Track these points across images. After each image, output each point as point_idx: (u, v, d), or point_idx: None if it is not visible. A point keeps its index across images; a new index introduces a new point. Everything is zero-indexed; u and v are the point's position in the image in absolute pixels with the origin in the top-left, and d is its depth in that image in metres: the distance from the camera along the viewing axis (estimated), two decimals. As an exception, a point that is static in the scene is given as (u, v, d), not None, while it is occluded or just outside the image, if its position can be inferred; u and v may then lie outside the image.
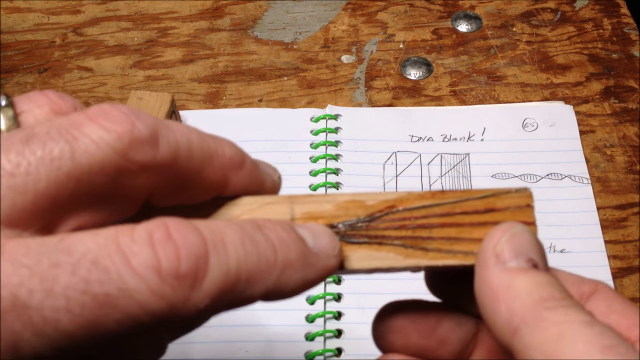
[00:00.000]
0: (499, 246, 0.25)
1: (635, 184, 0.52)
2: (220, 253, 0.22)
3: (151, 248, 0.21)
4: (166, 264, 0.21)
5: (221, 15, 0.66)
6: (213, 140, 0.27)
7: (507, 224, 0.26)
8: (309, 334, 0.46)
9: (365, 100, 0.58)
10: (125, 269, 0.21)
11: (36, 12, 0.66)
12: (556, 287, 0.24)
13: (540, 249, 0.26)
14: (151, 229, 0.22)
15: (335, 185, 0.52)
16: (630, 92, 0.58)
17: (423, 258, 0.26)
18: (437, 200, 0.27)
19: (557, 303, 0.23)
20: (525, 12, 0.64)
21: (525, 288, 0.24)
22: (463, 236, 0.26)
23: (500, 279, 0.24)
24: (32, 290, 0.20)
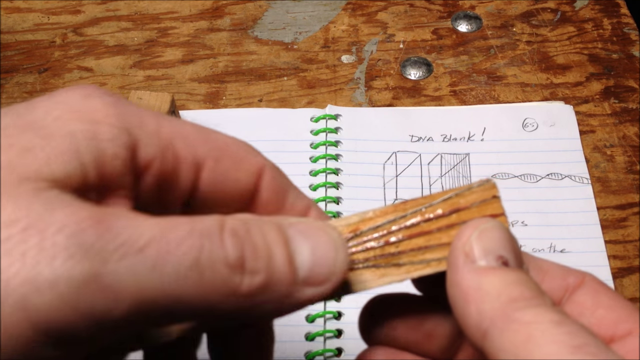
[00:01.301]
0: (468, 245, 0.24)
1: (635, 184, 0.52)
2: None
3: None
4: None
5: (221, 15, 0.66)
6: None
7: (476, 221, 0.25)
8: (309, 334, 0.46)
9: (365, 100, 0.58)
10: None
11: (36, 12, 0.66)
12: (526, 286, 0.23)
13: (511, 244, 0.25)
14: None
15: (335, 185, 0.52)
16: (630, 92, 0.58)
17: (397, 274, 0.26)
18: (400, 213, 0.26)
19: (527, 303, 0.23)
20: (525, 12, 0.64)
21: (494, 288, 0.23)
22: (432, 243, 0.26)
23: (470, 280, 0.24)
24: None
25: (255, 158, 0.28)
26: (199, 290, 0.21)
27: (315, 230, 0.25)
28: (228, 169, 0.27)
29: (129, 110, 0.25)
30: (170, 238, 0.21)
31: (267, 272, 0.23)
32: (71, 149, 0.22)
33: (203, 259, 0.21)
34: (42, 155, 0.22)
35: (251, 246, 0.23)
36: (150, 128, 0.25)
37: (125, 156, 0.24)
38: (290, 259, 0.23)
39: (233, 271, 0.22)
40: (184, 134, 0.26)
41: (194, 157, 0.26)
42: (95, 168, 0.23)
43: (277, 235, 0.24)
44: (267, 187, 0.28)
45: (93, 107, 0.24)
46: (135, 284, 0.20)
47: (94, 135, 0.23)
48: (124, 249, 0.20)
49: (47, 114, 0.23)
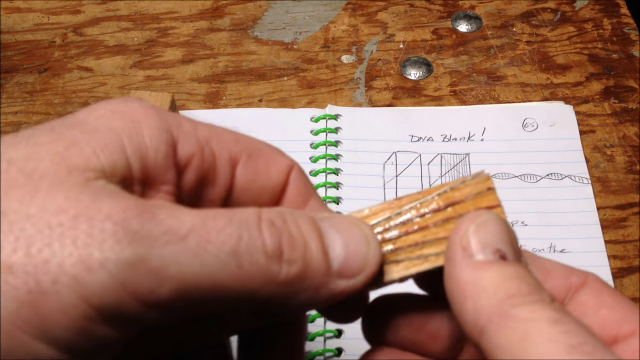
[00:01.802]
0: (465, 239, 0.24)
1: (635, 184, 0.52)
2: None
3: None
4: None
5: (221, 15, 0.66)
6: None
7: (473, 213, 0.25)
8: (309, 334, 0.46)
9: (365, 100, 0.58)
10: None
11: (36, 12, 0.66)
12: (524, 281, 0.23)
13: (510, 237, 0.25)
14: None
15: (335, 185, 0.52)
16: (630, 92, 0.58)
17: (396, 271, 0.26)
18: (395, 209, 0.26)
19: (524, 299, 0.22)
20: (525, 12, 0.64)
21: (491, 284, 0.23)
22: (429, 238, 0.26)
23: (467, 275, 0.24)
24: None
25: (285, 158, 0.30)
26: (238, 276, 0.22)
27: (348, 225, 0.25)
28: (261, 166, 0.28)
29: (166, 113, 0.26)
30: (210, 227, 0.22)
31: (303, 262, 0.24)
32: (115, 142, 0.24)
33: (242, 247, 0.23)
34: (88, 148, 0.23)
35: (288, 236, 0.24)
36: (188, 128, 0.27)
37: (167, 152, 0.25)
38: (325, 250, 0.24)
39: (271, 260, 0.23)
40: (218, 134, 0.28)
41: (229, 154, 0.28)
42: (138, 161, 0.24)
43: (312, 228, 0.25)
44: (294, 186, 0.29)
45: (133, 109, 0.25)
46: (178, 268, 0.21)
47: (135, 131, 0.24)
48: (168, 236, 0.22)
49: (90, 114, 0.25)
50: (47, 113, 0.59)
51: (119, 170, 0.23)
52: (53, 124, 0.24)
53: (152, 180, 0.25)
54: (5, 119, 0.58)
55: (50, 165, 0.22)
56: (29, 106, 0.59)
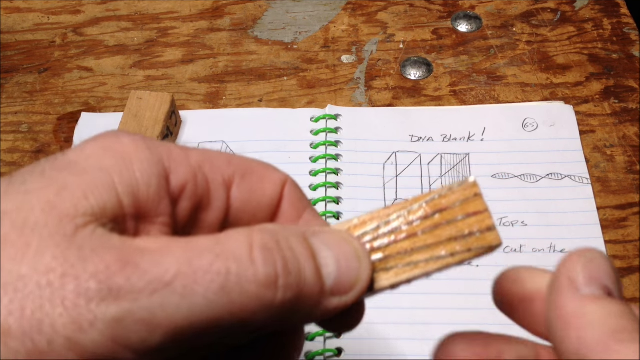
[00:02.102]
0: (573, 271, 0.24)
1: (635, 184, 0.52)
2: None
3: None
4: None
5: (221, 15, 0.66)
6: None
7: (583, 249, 0.25)
8: (309, 334, 0.46)
9: (365, 100, 0.58)
10: None
11: (36, 12, 0.66)
12: (629, 319, 0.23)
13: (615, 277, 0.25)
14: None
15: (335, 185, 0.52)
16: (630, 92, 0.58)
17: (386, 278, 0.26)
18: (383, 218, 0.26)
19: (628, 336, 0.23)
20: (525, 12, 0.65)
21: (597, 317, 0.23)
22: (418, 245, 0.26)
23: (573, 306, 0.24)
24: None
25: (277, 173, 0.30)
26: (230, 310, 0.23)
27: (339, 241, 0.26)
28: (255, 184, 0.29)
29: (157, 143, 0.27)
30: (196, 267, 0.23)
31: (298, 286, 0.24)
32: (105, 181, 0.24)
33: (231, 281, 0.23)
34: (79, 191, 0.23)
35: (282, 262, 0.24)
36: (179, 156, 0.27)
37: (159, 184, 0.25)
38: (319, 271, 0.25)
39: (266, 287, 0.23)
40: (210, 158, 0.28)
41: (222, 177, 0.28)
42: (130, 197, 0.25)
43: (305, 248, 0.25)
44: (288, 199, 0.29)
45: (123, 144, 0.26)
46: (166, 315, 0.22)
47: (126, 167, 0.25)
48: (153, 286, 0.22)
49: (80, 154, 0.25)
50: (47, 113, 0.59)
51: (110, 210, 0.24)
52: (44, 167, 0.24)
53: (146, 214, 0.25)
54: (5, 119, 0.58)
55: (41, 216, 0.23)
56: (29, 106, 0.59)
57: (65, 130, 0.57)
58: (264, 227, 0.25)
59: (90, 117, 0.58)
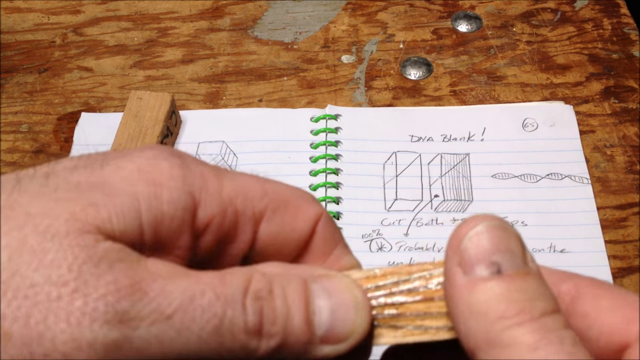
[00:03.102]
0: (458, 255, 0.23)
1: (635, 184, 0.52)
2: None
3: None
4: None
5: (221, 15, 0.66)
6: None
7: (467, 223, 0.24)
8: (309, 334, 0.46)
9: (365, 100, 0.58)
10: None
11: (36, 12, 0.66)
12: (513, 299, 0.22)
13: (506, 243, 0.23)
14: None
15: (335, 185, 0.52)
16: (630, 92, 0.58)
17: (392, 336, 0.26)
18: (404, 275, 0.26)
19: (509, 322, 0.22)
20: (525, 12, 0.64)
21: (482, 305, 0.22)
22: (433, 311, 0.25)
23: (461, 295, 0.23)
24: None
25: (313, 207, 0.29)
26: (219, 351, 0.23)
27: (340, 289, 0.25)
28: (286, 219, 0.28)
29: (193, 171, 0.27)
30: (197, 305, 0.23)
31: (283, 335, 0.24)
32: (132, 208, 0.24)
33: (225, 325, 0.23)
34: (105, 212, 0.24)
35: (271, 311, 0.24)
36: (213, 188, 0.27)
37: (184, 218, 0.26)
38: (309, 320, 0.25)
39: (250, 336, 0.24)
40: (244, 191, 0.27)
41: (253, 211, 0.28)
42: (152, 227, 0.25)
43: (299, 295, 0.25)
44: (320, 236, 0.29)
45: (159, 169, 0.26)
46: (160, 346, 0.23)
47: (155, 196, 0.25)
48: (154, 316, 0.23)
49: (116, 173, 0.25)
50: (47, 113, 0.59)
51: (131, 236, 0.24)
52: (79, 179, 0.25)
53: (164, 246, 0.25)
54: (5, 119, 0.58)
55: (64, 225, 0.23)
56: (29, 106, 0.59)
57: (65, 130, 0.57)
58: (266, 268, 0.25)
59: (90, 117, 0.58)
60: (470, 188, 0.52)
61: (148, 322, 0.22)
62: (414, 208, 0.52)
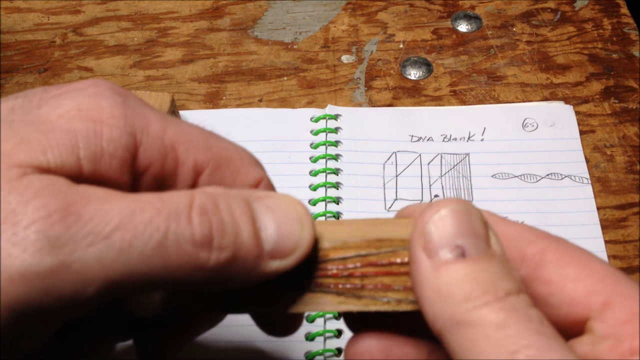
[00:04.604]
0: (422, 239, 0.23)
1: (635, 184, 0.52)
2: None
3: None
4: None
5: (221, 15, 0.66)
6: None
7: (431, 207, 0.24)
8: (309, 334, 0.46)
9: (365, 100, 0.58)
10: None
11: (36, 12, 0.66)
12: (478, 280, 0.22)
13: (470, 226, 0.23)
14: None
15: (335, 185, 0.52)
16: (630, 92, 0.58)
17: (355, 304, 0.26)
18: (373, 249, 0.26)
19: (474, 303, 0.22)
20: (525, 12, 0.65)
21: (447, 287, 0.22)
22: (397, 284, 0.26)
23: (427, 278, 0.23)
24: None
25: (255, 170, 0.29)
26: (166, 267, 0.23)
27: (282, 205, 0.25)
28: (226, 178, 0.28)
29: (136, 112, 0.26)
30: (137, 221, 0.22)
31: (234, 248, 0.24)
32: (69, 143, 0.24)
33: (169, 239, 0.23)
34: (38, 146, 0.23)
35: (219, 223, 0.24)
36: (155, 132, 0.26)
37: (124, 157, 0.25)
38: (257, 233, 0.24)
39: (200, 249, 0.23)
40: (188, 138, 0.27)
41: (194, 162, 0.27)
42: (91, 163, 0.24)
43: (244, 210, 0.24)
44: None
45: (99, 107, 0.25)
46: (102, 268, 0.22)
47: (95, 134, 0.24)
48: (91, 237, 0.22)
49: (53, 111, 0.24)
50: (47, 113, 0.59)
51: (68, 168, 0.23)
52: (15, 116, 0.24)
53: (104, 182, 0.25)
54: (5, 119, 0.58)
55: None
56: (29, 106, 0.59)
57: (65, 130, 0.57)
58: (207, 189, 0.25)
59: (90, 117, 0.58)
60: (470, 188, 0.52)
61: (85, 245, 0.22)
62: (414, 208, 0.52)
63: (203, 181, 0.27)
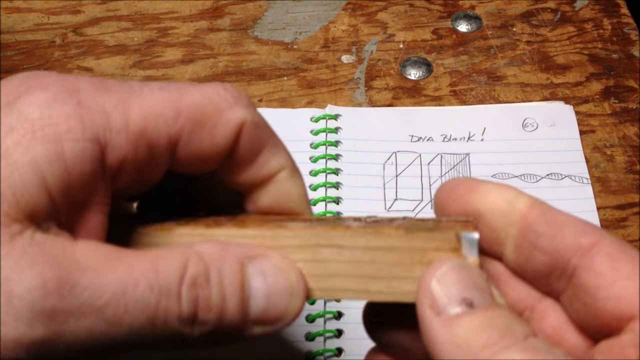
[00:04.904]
0: (429, 296, 0.23)
1: (635, 184, 0.52)
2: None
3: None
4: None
5: (221, 15, 0.66)
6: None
7: (433, 267, 0.24)
8: (309, 334, 0.46)
9: (365, 100, 0.58)
10: None
11: (36, 12, 0.66)
12: (494, 327, 0.22)
13: (473, 279, 0.24)
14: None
15: (335, 185, 0.52)
16: (630, 92, 0.58)
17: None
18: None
19: (495, 348, 0.22)
20: (525, 12, 0.65)
21: (463, 339, 0.22)
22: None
23: (441, 334, 0.23)
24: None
25: (235, 114, 0.27)
26: (152, 337, 0.23)
27: (276, 272, 0.25)
28: (204, 138, 0.27)
29: (93, 110, 0.24)
30: (129, 297, 0.23)
31: (217, 320, 0.24)
32: (35, 179, 0.23)
33: (158, 316, 0.23)
34: (10, 195, 0.22)
35: (206, 299, 0.24)
36: (118, 125, 0.25)
37: (93, 169, 0.24)
38: (244, 305, 0.25)
39: (184, 324, 0.24)
40: (154, 113, 0.25)
41: (167, 137, 0.26)
42: (62, 191, 0.23)
43: (235, 279, 0.25)
44: (244, 144, 0.28)
45: (55, 121, 0.24)
46: (91, 338, 0.22)
47: (57, 156, 0.23)
48: (84, 308, 0.22)
49: (8, 136, 0.23)
50: (47, 113, 0.59)
51: (43, 209, 0.23)
52: None
53: (81, 202, 0.24)
54: (5, 119, 0.58)
55: None
56: (29, 106, 0.59)
57: (65, 130, 0.57)
58: (203, 248, 0.25)
59: (90, 117, 0.58)
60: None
61: (77, 315, 0.22)
62: (414, 208, 0.52)
63: (181, 151, 0.26)
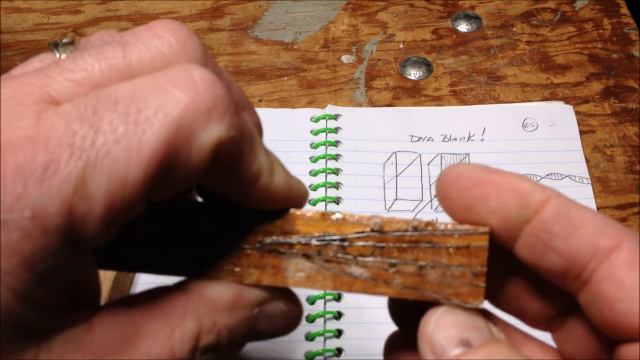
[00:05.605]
0: (428, 342, 0.24)
1: (635, 184, 0.52)
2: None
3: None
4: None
5: (221, 15, 0.66)
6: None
7: (430, 312, 0.25)
8: (309, 334, 0.46)
9: (365, 100, 0.58)
10: None
11: (36, 12, 0.66)
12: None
13: (469, 320, 0.24)
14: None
15: (335, 185, 0.52)
16: (630, 92, 0.58)
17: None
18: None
19: None
20: (525, 12, 0.65)
21: None
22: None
23: None
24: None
25: (208, 133, 0.22)
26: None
27: (281, 316, 0.30)
28: (178, 168, 0.23)
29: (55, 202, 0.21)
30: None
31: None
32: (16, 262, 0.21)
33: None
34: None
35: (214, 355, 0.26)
36: (91, 209, 0.21)
37: (67, 277, 0.23)
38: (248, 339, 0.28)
39: None
40: (122, 180, 0.22)
41: (142, 190, 0.22)
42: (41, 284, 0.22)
43: (244, 329, 0.28)
44: (219, 161, 0.23)
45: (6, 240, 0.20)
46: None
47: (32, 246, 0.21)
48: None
49: None
50: (47, 113, 0.59)
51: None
52: None
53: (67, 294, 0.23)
54: (5, 119, 0.58)
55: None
56: (29, 106, 0.59)
57: (65, 130, 0.57)
58: (216, 307, 0.26)
59: (90, 117, 0.58)
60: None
61: None
62: (414, 208, 0.52)
63: (155, 190, 0.22)
